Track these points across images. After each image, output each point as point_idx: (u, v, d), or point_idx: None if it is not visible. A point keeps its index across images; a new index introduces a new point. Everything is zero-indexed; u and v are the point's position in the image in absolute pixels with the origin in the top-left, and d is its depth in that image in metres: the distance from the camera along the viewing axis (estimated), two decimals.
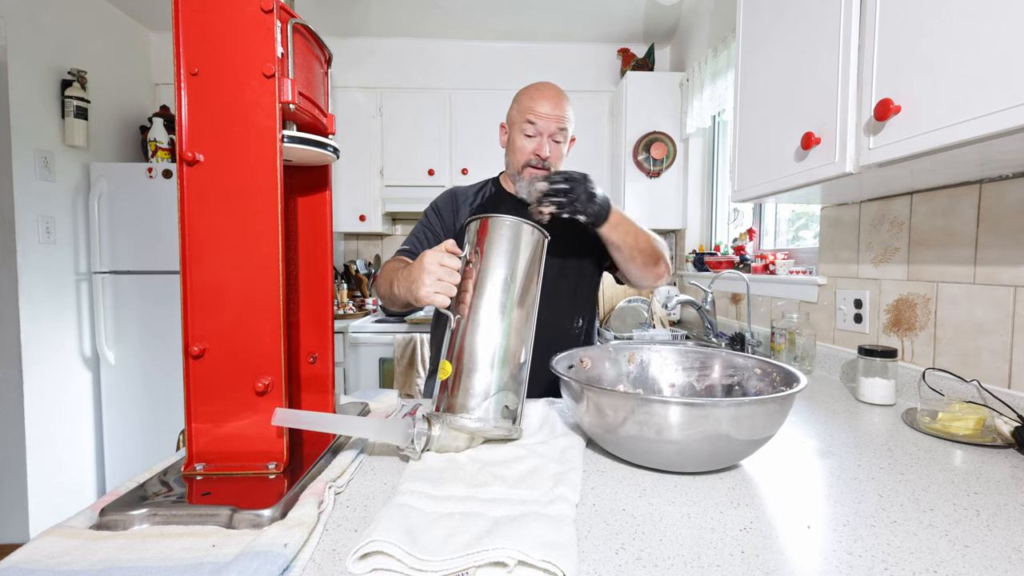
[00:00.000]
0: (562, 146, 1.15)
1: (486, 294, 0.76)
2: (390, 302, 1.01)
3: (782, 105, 1.17)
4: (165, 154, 2.49)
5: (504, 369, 0.74)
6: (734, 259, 2.11)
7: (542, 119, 1.11)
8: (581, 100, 2.83)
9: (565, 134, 1.14)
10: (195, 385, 0.63)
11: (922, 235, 1.15)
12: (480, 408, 0.72)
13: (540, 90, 1.13)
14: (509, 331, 0.76)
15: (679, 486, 0.66)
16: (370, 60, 2.92)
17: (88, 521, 0.55)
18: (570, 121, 1.15)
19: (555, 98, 1.12)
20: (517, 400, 0.76)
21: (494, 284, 0.77)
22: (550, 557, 0.45)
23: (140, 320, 2.33)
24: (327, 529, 0.56)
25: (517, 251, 0.79)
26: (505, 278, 0.77)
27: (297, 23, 0.65)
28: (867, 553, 0.51)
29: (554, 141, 1.13)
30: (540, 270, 0.82)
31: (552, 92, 1.13)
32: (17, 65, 2.03)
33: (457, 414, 0.71)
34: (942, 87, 0.74)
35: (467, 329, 0.75)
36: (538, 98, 1.12)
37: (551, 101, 1.11)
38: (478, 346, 0.74)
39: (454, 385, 0.73)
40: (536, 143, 1.13)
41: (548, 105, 1.11)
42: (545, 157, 1.13)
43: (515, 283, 0.77)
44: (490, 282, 0.77)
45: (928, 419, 0.91)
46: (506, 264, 0.78)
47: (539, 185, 0.95)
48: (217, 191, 0.62)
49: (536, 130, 1.12)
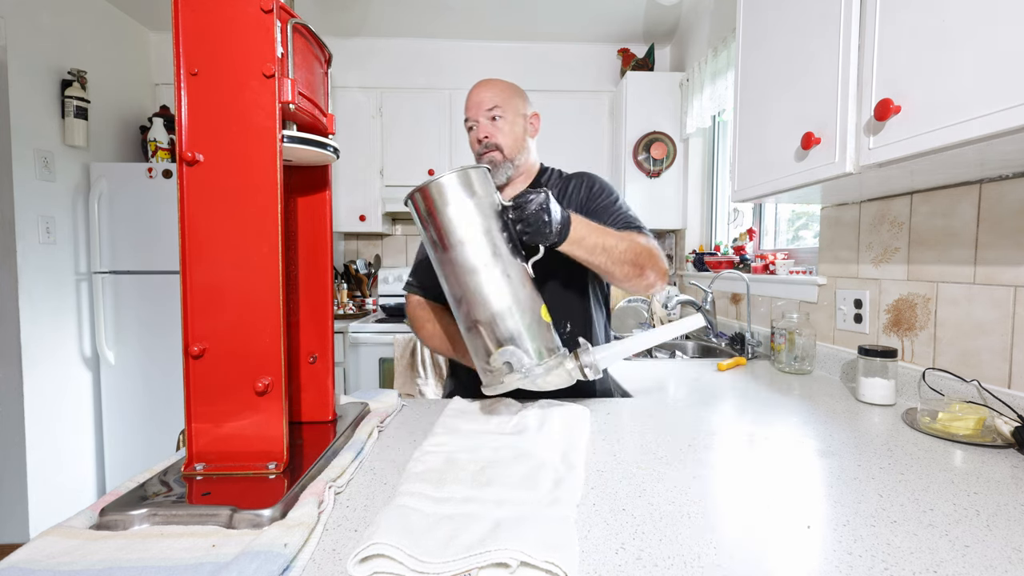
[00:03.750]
0: (501, 121, 1.11)
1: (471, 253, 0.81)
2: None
3: (782, 105, 1.17)
4: (165, 154, 2.48)
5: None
6: (734, 259, 2.11)
7: (471, 110, 1.12)
8: (581, 100, 2.83)
9: (501, 110, 1.11)
10: (195, 385, 0.63)
11: (922, 235, 1.15)
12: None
13: (471, 90, 1.15)
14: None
15: (679, 486, 0.66)
16: (370, 60, 2.92)
17: (88, 521, 0.55)
18: (506, 98, 1.13)
19: (479, 89, 1.13)
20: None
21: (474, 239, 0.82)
22: (552, 558, 0.45)
23: (140, 320, 2.32)
24: (327, 529, 0.56)
25: (466, 199, 0.82)
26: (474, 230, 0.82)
27: (297, 23, 0.65)
28: (867, 553, 0.51)
29: (490, 120, 1.11)
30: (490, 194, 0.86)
31: (478, 86, 1.14)
32: (17, 65, 2.03)
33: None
34: (942, 87, 0.74)
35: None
36: (468, 97, 1.14)
37: (476, 92, 1.13)
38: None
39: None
40: (473, 133, 1.14)
41: (474, 97, 1.12)
42: (482, 138, 1.12)
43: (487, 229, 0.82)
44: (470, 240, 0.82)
45: (928, 419, 0.91)
46: (464, 216, 0.82)
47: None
48: (217, 191, 0.62)
49: (471, 122, 1.13)
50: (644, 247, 0.98)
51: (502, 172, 1.14)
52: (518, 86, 1.18)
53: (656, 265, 1.00)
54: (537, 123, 1.19)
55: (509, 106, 1.12)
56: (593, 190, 1.13)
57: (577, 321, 1.15)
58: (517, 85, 1.18)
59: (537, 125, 1.19)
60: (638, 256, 0.96)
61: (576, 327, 1.14)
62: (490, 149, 1.11)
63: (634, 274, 0.96)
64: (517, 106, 1.14)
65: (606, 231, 0.94)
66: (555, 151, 2.86)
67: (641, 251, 0.97)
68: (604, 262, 0.93)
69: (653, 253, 1.00)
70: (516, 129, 1.13)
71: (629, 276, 0.96)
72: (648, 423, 0.94)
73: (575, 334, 1.14)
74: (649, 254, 0.98)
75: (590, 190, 1.14)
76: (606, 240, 0.92)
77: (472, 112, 1.12)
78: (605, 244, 0.92)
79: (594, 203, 1.11)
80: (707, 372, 1.43)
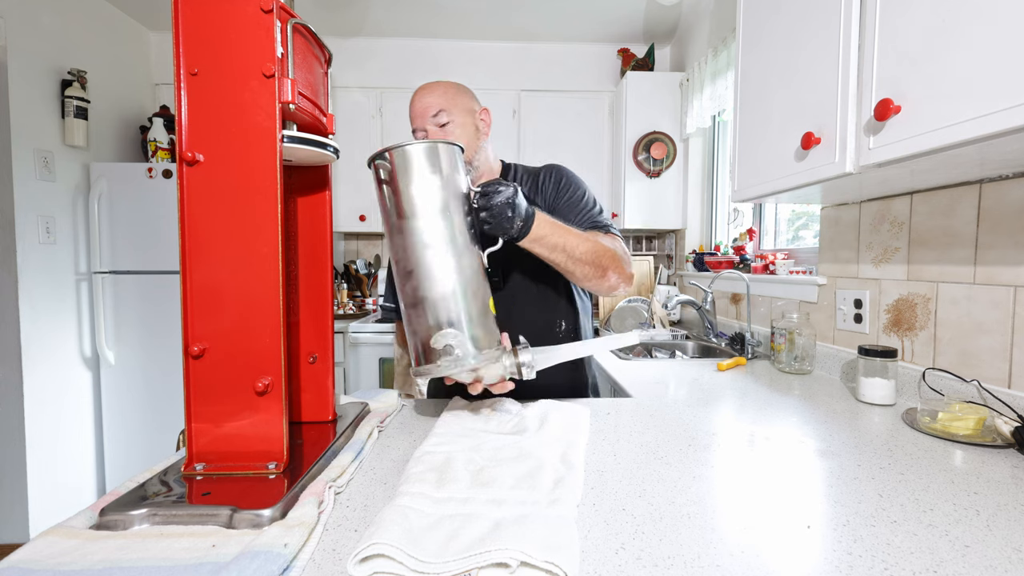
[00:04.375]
0: (451, 125, 1.06)
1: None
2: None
3: (782, 105, 1.17)
4: (165, 154, 2.49)
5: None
6: (734, 259, 2.11)
7: (416, 119, 1.07)
8: (581, 100, 2.84)
9: (447, 113, 1.05)
10: (195, 385, 0.63)
11: (922, 235, 1.15)
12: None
13: (412, 98, 1.09)
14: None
15: (679, 486, 0.66)
16: (370, 60, 2.92)
17: (88, 521, 0.55)
18: (450, 99, 1.06)
19: (422, 94, 1.07)
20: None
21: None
22: (553, 558, 0.45)
23: (140, 320, 2.32)
24: (327, 529, 0.56)
25: (432, 174, 0.79)
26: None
27: (297, 23, 0.65)
28: (867, 553, 0.51)
29: (438, 126, 1.05)
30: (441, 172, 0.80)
31: (420, 92, 1.08)
32: (17, 65, 2.03)
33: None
34: (942, 87, 0.74)
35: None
36: (411, 106, 1.08)
37: (418, 99, 1.07)
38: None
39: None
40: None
41: (417, 105, 1.07)
42: None
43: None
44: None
45: (928, 419, 0.91)
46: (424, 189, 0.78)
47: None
48: (217, 191, 0.62)
49: (420, 130, 1.07)
50: (607, 249, 0.96)
51: None
52: (462, 84, 1.13)
53: (618, 268, 0.97)
54: (488, 119, 1.13)
55: (456, 107, 1.07)
56: (561, 184, 1.10)
57: (569, 321, 1.14)
58: (461, 84, 1.13)
59: (489, 121, 1.13)
60: (599, 257, 0.94)
61: (569, 326, 1.14)
62: None
63: (595, 275, 0.95)
64: (464, 105, 1.09)
65: (569, 231, 0.92)
66: (555, 151, 2.88)
67: (603, 253, 0.95)
68: (564, 261, 0.91)
69: (616, 255, 0.98)
70: (467, 131, 1.08)
71: (589, 277, 0.95)
72: (648, 423, 0.94)
73: (558, 323, 1.13)
74: (612, 256, 0.97)
75: (558, 184, 1.10)
76: (567, 240, 0.90)
77: (418, 122, 1.07)
78: (566, 244, 0.90)
79: (562, 198, 1.09)
80: (707, 372, 1.43)
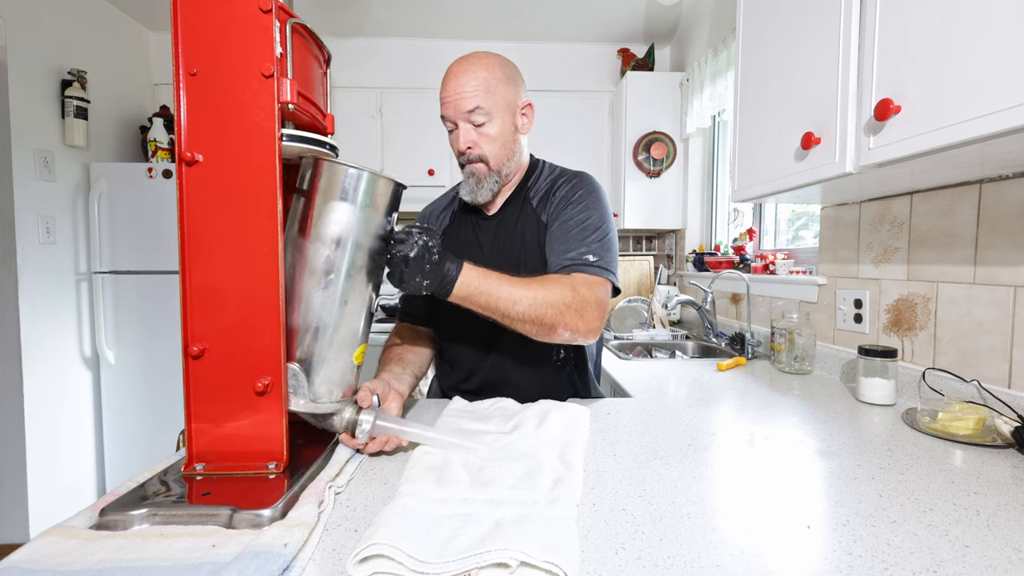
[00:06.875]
0: (487, 126, 0.93)
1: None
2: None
3: (782, 105, 1.17)
4: (165, 154, 2.48)
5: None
6: (734, 259, 2.11)
7: (448, 105, 0.93)
8: (581, 100, 2.84)
9: (484, 112, 0.92)
10: (195, 385, 0.63)
11: (922, 235, 1.15)
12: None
13: (448, 70, 0.94)
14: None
15: (679, 486, 0.66)
16: (370, 60, 2.92)
17: (88, 521, 0.55)
18: (491, 93, 0.92)
19: (457, 72, 0.92)
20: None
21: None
22: (552, 558, 0.45)
23: (140, 320, 2.32)
24: (327, 529, 0.56)
25: (351, 206, 0.72)
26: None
27: (296, 23, 0.65)
28: (867, 553, 0.51)
29: (471, 123, 0.93)
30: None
31: (455, 68, 0.93)
32: (17, 65, 2.03)
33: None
34: (942, 87, 0.74)
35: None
36: (444, 85, 0.93)
37: (453, 81, 0.92)
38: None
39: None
40: (454, 136, 0.95)
41: (451, 89, 0.92)
42: (464, 149, 0.94)
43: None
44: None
45: (928, 419, 0.91)
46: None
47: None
48: (216, 191, 0.62)
49: (450, 121, 0.95)
50: (557, 302, 0.84)
51: (486, 188, 0.98)
52: (509, 63, 0.97)
53: (569, 321, 0.84)
54: (531, 114, 1.00)
55: (495, 103, 0.93)
56: (571, 201, 0.97)
57: (569, 348, 1.04)
58: (506, 63, 0.97)
59: (531, 117, 1.00)
60: (542, 315, 0.83)
61: (571, 352, 1.05)
62: (473, 161, 0.96)
63: (540, 332, 0.85)
64: (505, 100, 0.94)
65: (506, 286, 0.81)
66: (555, 151, 2.87)
67: (550, 307, 0.83)
68: (500, 319, 0.83)
69: (569, 306, 0.84)
70: (505, 133, 0.95)
71: (534, 334, 0.86)
72: (648, 423, 0.94)
73: (555, 350, 1.03)
74: (561, 310, 0.84)
75: (567, 200, 0.98)
76: (500, 299, 0.80)
77: (450, 110, 0.93)
78: (498, 304, 0.81)
79: (559, 218, 0.97)
80: (707, 372, 1.43)
